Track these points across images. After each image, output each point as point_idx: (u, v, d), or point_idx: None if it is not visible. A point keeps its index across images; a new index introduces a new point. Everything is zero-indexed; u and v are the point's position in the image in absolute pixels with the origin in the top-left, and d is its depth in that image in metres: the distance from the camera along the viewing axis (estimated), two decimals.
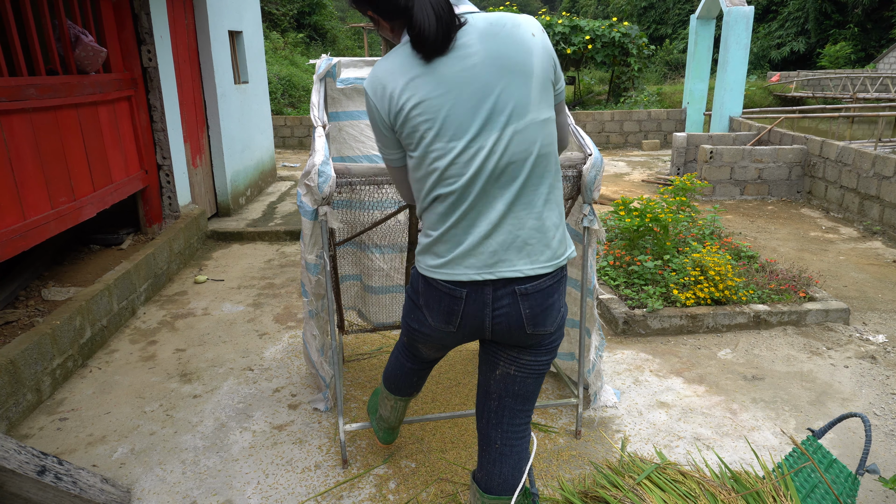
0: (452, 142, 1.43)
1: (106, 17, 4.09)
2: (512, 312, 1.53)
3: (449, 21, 1.38)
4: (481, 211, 1.47)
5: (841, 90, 18.12)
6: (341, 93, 2.85)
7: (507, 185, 1.46)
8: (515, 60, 1.41)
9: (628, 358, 3.36)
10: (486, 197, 1.46)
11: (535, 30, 1.45)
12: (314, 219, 2.19)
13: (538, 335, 1.58)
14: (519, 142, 1.44)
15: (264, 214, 6.31)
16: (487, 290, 1.51)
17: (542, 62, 1.45)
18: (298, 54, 17.25)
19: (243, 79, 6.94)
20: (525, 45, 1.42)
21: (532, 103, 1.44)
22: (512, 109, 1.42)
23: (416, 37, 1.38)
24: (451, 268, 1.51)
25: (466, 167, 1.44)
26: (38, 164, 3.28)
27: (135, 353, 3.45)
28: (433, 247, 1.54)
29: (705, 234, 4.69)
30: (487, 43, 1.40)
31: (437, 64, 1.41)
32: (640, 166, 9.74)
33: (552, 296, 1.56)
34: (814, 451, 2.03)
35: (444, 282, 1.54)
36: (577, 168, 2.25)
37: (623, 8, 32.95)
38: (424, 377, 2.08)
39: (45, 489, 1.98)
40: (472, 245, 1.49)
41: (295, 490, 2.32)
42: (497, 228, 1.48)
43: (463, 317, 1.55)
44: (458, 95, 1.41)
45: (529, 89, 1.43)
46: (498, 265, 1.49)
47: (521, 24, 1.44)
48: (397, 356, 2.03)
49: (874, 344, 3.52)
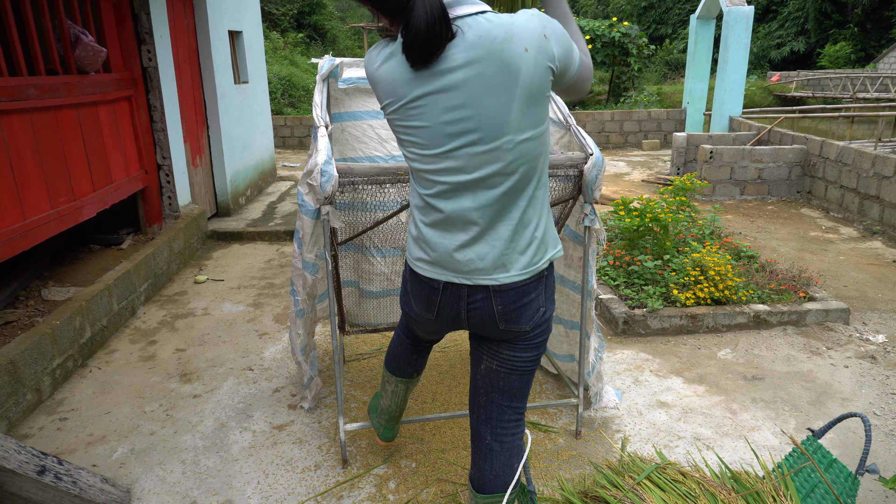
0: (428, 151, 1.46)
1: (106, 17, 4.09)
2: (484, 307, 1.57)
3: (440, 33, 1.35)
4: (456, 221, 1.51)
5: (841, 90, 18.12)
6: (344, 93, 2.85)
7: (483, 198, 1.48)
8: (496, 82, 1.37)
9: (628, 358, 3.36)
10: (462, 209, 1.49)
11: (529, 42, 1.37)
12: (316, 218, 2.19)
13: (512, 331, 1.60)
14: (492, 161, 1.44)
15: (264, 214, 6.31)
16: (463, 288, 1.57)
17: (532, 79, 1.39)
18: (298, 54, 17.24)
19: (243, 79, 6.94)
20: (511, 64, 1.36)
21: (511, 124, 1.41)
22: (487, 130, 1.41)
23: (409, 42, 1.37)
24: (431, 266, 1.58)
25: (441, 179, 1.48)
26: (38, 164, 3.28)
27: (135, 353, 3.45)
28: (418, 241, 1.61)
29: (705, 234, 4.69)
30: (471, 61, 1.37)
31: (422, 75, 1.40)
32: (640, 166, 9.74)
33: (528, 294, 1.57)
34: (814, 451, 2.03)
35: (423, 275, 1.61)
36: (579, 168, 2.25)
37: (623, 8, 32.94)
38: (423, 357, 2.13)
39: (45, 489, 1.98)
40: (448, 251, 1.54)
41: (295, 490, 2.32)
42: (474, 241, 1.51)
43: (440, 307, 1.62)
44: (433, 110, 1.41)
45: (509, 110, 1.40)
46: (474, 273, 1.54)
47: (515, 36, 1.36)
48: (398, 333, 2.11)
49: (874, 344, 3.52)
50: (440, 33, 1.35)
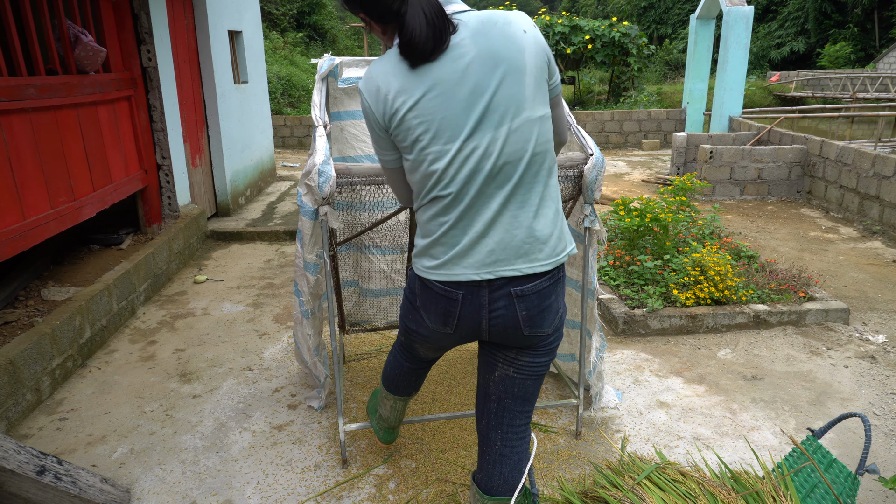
0: (448, 144, 1.43)
1: (106, 17, 4.09)
2: (508, 314, 1.53)
3: (441, 28, 1.38)
4: (478, 211, 1.48)
5: (841, 90, 18.12)
6: (343, 92, 2.85)
7: (503, 184, 1.46)
8: (508, 57, 1.41)
9: (628, 358, 3.36)
10: (483, 196, 1.47)
11: (526, 26, 1.45)
12: (315, 218, 2.19)
13: (535, 336, 1.57)
14: (514, 140, 1.44)
15: (264, 214, 6.31)
16: (483, 291, 1.52)
17: (535, 58, 1.44)
18: (298, 54, 17.24)
19: (243, 79, 6.94)
20: (517, 41, 1.42)
21: (527, 100, 1.44)
22: (506, 107, 1.42)
23: (405, 44, 1.38)
24: (448, 268, 1.51)
25: (462, 168, 1.45)
26: (38, 164, 3.28)
27: (134, 353, 3.45)
28: (430, 249, 1.54)
29: (705, 233, 4.69)
30: (479, 42, 1.41)
31: (431, 65, 1.41)
32: (640, 166, 9.74)
33: (549, 297, 1.55)
34: (814, 451, 2.03)
35: (439, 283, 1.54)
36: (579, 168, 2.25)
37: (623, 8, 32.95)
38: (423, 376, 2.08)
39: (44, 489, 1.98)
40: (468, 245, 1.49)
41: (295, 490, 2.32)
42: (493, 227, 1.48)
43: (460, 318, 1.56)
44: (452, 96, 1.41)
45: (524, 86, 1.43)
46: (496, 264, 1.49)
47: (513, 20, 1.44)
48: (395, 356, 2.02)
49: (874, 344, 3.52)
50: (441, 27, 1.38)
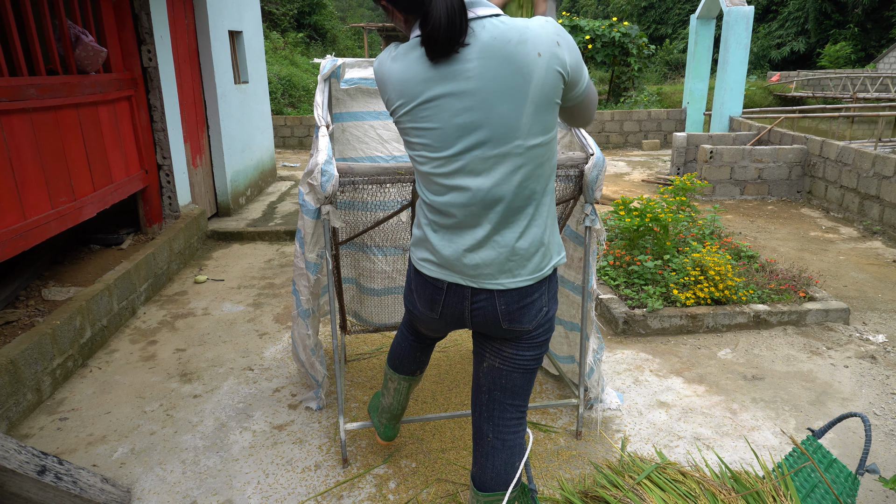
0: (437, 152, 1.46)
1: (106, 17, 4.09)
2: (488, 307, 1.58)
3: (460, 26, 1.36)
4: (465, 226, 1.52)
5: (841, 90, 18.11)
6: (345, 93, 2.85)
7: (490, 205, 1.48)
8: (508, 85, 1.38)
9: (628, 358, 3.36)
10: (470, 214, 1.50)
11: (542, 47, 1.37)
12: (317, 218, 2.20)
13: (514, 331, 1.61)
14: (500, 166, 1.44)
15: (264, 214, 6.31)
16: (467, 289, 1.59)
17: (543, 85, 1.40)
18: (298, 54, 17.24)
19: (243, 79, 6.94)
20: (525, 68, 1.37)
21: (521, 129, 1.41)
22: (494, 136, 1.41)
23: (428, 34, 1.36)
24: (436, 267, 1.59)
25: (448, 182, 1.48)
26: (39, 164, 3.28)
27: (135, 353, 3.45)
28: (423, 243, 1.62)
29: (705, 233, 4.69)
30: (484, 62, 1.37)
31: (434, 76, 1.40)
32: (640, 166, 9.74)
33: (531, 294, 1.58)
34: (814, 450, 2.03)
35: (427, 275, 1.62)
36: (579, 168, 2.25)
37: (623, 8, 32.94)
38: (426, 355, 2.14)
39: (45, 489, 1.98)
40: (455, 255, 1.54)
41: (295, 490, 2.32)
42: (481, 246, 1.52)
43: (444, 306, 1.64)
44: (444, 112, 1.41)
45: (520, 115, 1.40)
46: (480, 278, 1.55)
47: (529, 39, 1.36)
48: (401, 330, 2.12)
49: (874, 344, 3.52)
50: (459, 26, 1.36)
